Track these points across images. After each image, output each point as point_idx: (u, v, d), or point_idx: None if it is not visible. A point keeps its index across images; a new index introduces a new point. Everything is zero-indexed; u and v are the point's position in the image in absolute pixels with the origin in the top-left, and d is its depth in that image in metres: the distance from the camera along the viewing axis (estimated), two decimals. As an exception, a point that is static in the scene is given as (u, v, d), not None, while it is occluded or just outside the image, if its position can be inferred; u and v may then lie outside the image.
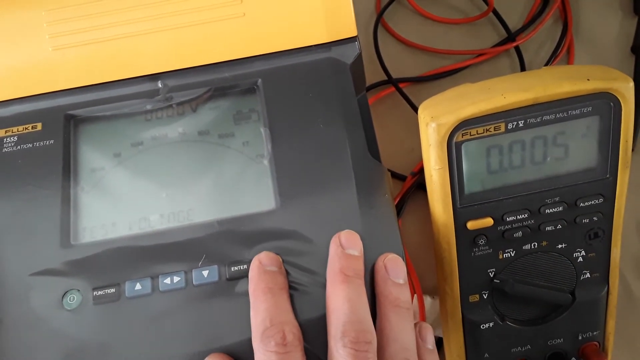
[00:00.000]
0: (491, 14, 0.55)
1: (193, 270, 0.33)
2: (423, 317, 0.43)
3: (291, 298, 0.32)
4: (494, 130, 0.32)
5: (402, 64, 0.54)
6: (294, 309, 0.31)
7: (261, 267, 0.32)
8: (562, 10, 0.55)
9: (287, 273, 0.32)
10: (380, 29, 0.56)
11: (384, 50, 0.54)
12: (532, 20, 0.55)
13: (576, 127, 0.33)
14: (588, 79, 0.31)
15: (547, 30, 0.55)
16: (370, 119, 0.38)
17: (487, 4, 0.55)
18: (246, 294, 0.32)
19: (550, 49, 0.54)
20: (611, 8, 0.55)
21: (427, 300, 0.44)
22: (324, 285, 0.32)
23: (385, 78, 0.53)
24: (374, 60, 0.54)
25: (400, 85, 0.52)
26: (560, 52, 0.54)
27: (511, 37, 0.54)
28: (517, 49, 0.54)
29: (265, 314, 0.30)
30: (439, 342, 0.44)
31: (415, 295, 0.44)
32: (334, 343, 0.29)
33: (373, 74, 0.53)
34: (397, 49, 0.56)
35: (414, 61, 0.55)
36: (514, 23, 0.56)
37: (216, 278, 0.32)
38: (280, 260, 0.32)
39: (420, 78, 0.53)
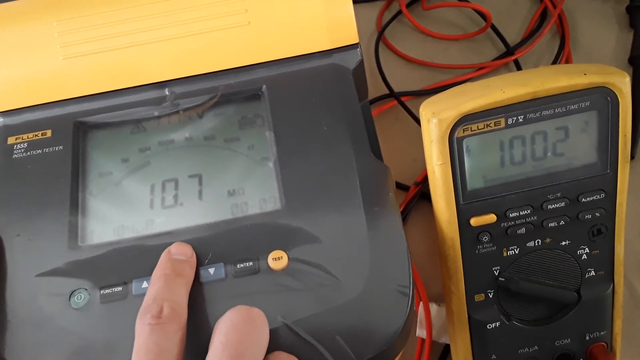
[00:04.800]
0: (490, 29, 0.57)
1: (199, 268, 0.33)
2: (429, 324, 0.43)
3: (296, 296, 0.32)
4: (495, 126, 0.33)
5: (403, 79, 0.55)
6: (300, 307, 0.31)
7: (169, 255, 0.32)
8: (560, 24, 0.57)
9: (293, 272, 0.33)
10: (381, 46, 0.58)
11: (386, 66, 0.55)
12: (530, 35, 0.56)
13: (575, 122, 0.33)
14: (585, 74, 0.32)
15: (545, 44, 0.56)
16: (372, 122, 0.39)
17: (485, 20, 0.57)
18: (253, 292, 0.32)
19: (548, 61, 0.55)
20: (607, 22, 0.57)
21: (433, 307, 0.44)
22: (328, 283, 0.32)
23: (387, 93, 0.54)
24: (376, 75, 0.55)
25: (402, 98, 0.53)
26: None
27: (510, 51, 0.55)
28: (516, 62, 0.55)
29: (151, 294, 0.30)
30: (447, 350, 0.44)
31: (421, 302, 0.44)
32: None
33: (375, 88, 0.54)
34: (399, 65, 0.57)
35: (415, 76, 0.56)
36: (512, 38, 0.57)
37: (222, 275, 0.33)
38: (191, 250, 0.33)
39: (421, 92, 0.54)
